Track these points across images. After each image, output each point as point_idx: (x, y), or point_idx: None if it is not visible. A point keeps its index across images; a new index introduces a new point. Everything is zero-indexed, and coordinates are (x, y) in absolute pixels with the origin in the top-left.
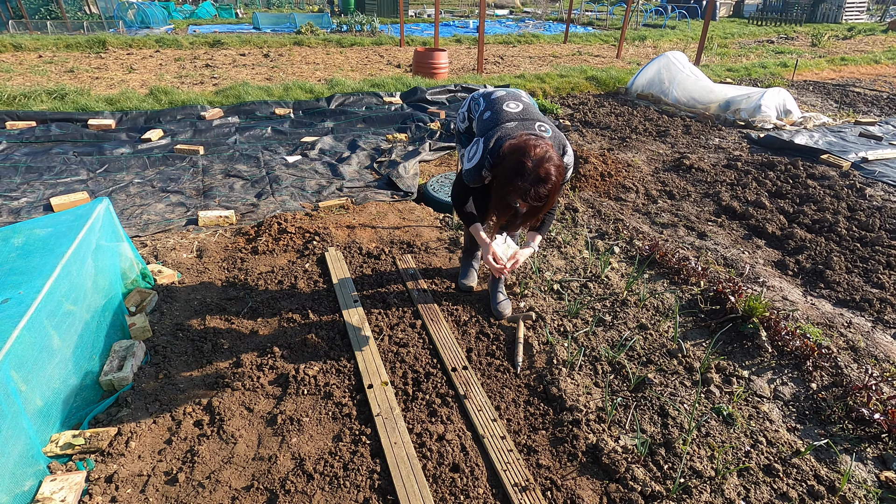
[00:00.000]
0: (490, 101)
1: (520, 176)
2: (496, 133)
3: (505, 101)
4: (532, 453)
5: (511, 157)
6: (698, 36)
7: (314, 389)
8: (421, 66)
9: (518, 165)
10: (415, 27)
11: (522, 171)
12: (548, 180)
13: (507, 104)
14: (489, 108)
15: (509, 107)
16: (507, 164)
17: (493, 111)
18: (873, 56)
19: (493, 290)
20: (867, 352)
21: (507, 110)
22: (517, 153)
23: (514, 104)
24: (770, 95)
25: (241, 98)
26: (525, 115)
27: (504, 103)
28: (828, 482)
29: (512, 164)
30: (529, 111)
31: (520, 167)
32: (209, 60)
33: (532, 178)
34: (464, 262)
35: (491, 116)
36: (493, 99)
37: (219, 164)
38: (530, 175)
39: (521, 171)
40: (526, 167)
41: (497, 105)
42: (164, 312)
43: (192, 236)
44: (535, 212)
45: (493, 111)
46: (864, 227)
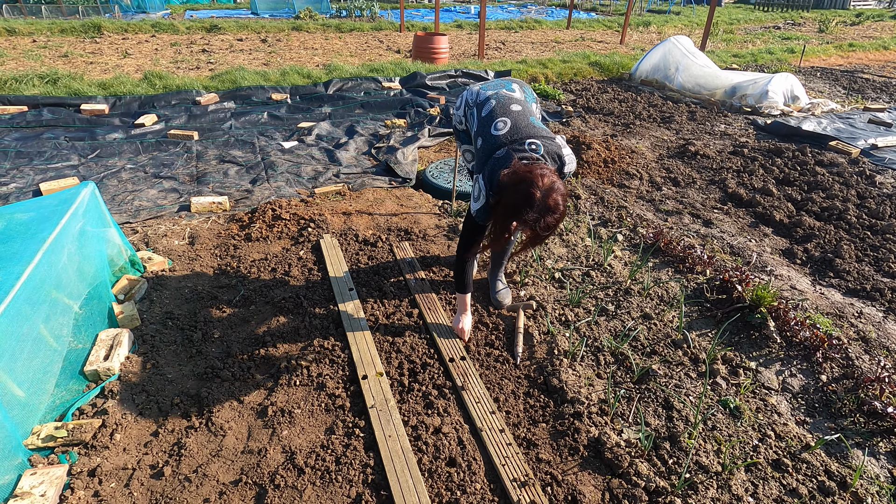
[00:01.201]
0: (482, 120)
1: (528, 206)
2: (490, 166)
3: (493, 123)
4: (532, 447)
5: (518, 187)
6: (703, 22)
7: (307, 380)
8: (421, 50)
9: (526, 196)
10: (415, 12)
11: (531, 201)
12: (556, 210)
13: (494, 126)
14: (480, 132)
15: (497, 129)
16: (513, 194)
17: (485, 138)
18: (882, 42)
19: (492, 279)
20: (879, 343)
21: (496, 134)
22: (524, 184)
23: (501, 123)
24: (777, 81)
25: (237, 83)
26: (514, 135)
27: (492, 125)
28: (839, 478)
29: (519, 195)
30: (518, 126)
31: (528, 198)
32: (206, 45)
33: (541, 208)
34: None
35: (483, 145)
36: (483, 117)
37: (213, 149)
38: (539, 206)
39: (530, 202)
40: (534, 198)
41: (487, 128)
42: (154, 300)
43: (184, 223)
44: (539, 241)
45: (484, 138)
46: (875, 216)
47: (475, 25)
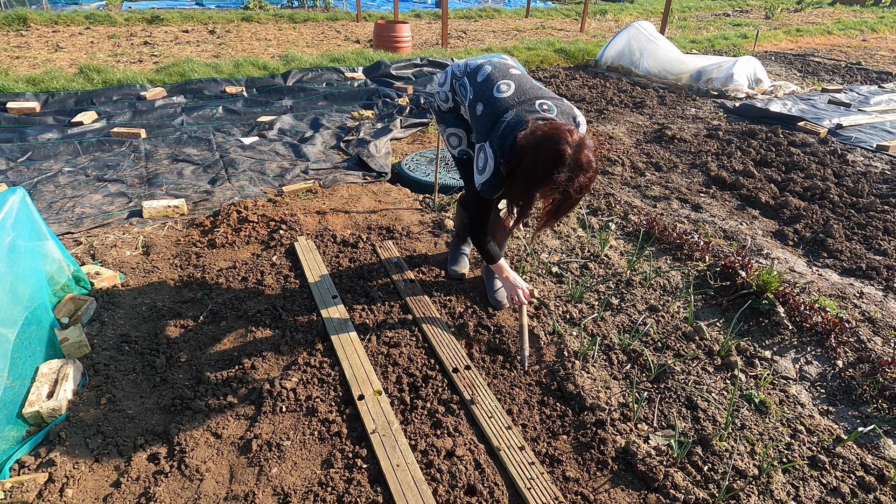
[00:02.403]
0: (478, 86)
1: (558, 165)
2: (499, 130)
3: (495, 85)
4: (556, 464)
5: (543, 146)
6: (657, 10)
7: (294, 405)
8: (382, 39)
9: (555, 155)
10: (370, 2)
11: (561, 159)
12: (589, 167)
13: (497, 88)
14: (479, 97)
15: (500, 91)
16: (537, 155)
17: (486, 102)
18: (826, 27)
19: (488, 278)
20: (885, 323)
21: (500, 97)
22: (550, 141)
23: (504, 85)
24: (741, 65)
25: (186, 76)
26: (522, 96)
27: (494, 87)
28: (876, 471)
29: (546, 154)
30: (523, 87)
31: (557, 156)
32: (147, 38)
33: (573, 166)
34: (454, 247)
35: (485, 111)
36: (480, 82)
37: (164, 148)
38: (571, 163)
39: (560, 160)
40: (565, 155)
41: (488, 92)
42: (106, 322)
43: (136, 230)
44: (568, 207)
45: (485, 103)
46: (855, 193)
47: (434, 14)
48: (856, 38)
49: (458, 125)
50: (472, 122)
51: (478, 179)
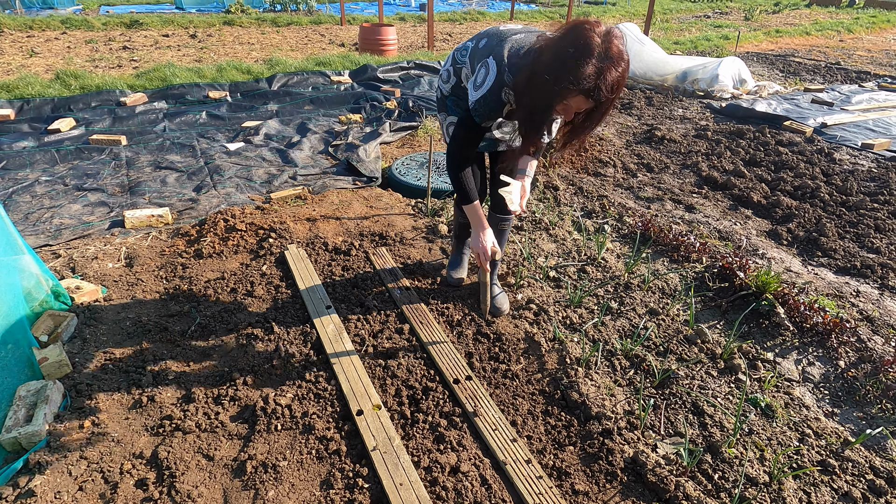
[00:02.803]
0: (481, 34)
1: (585, 56)
2: (507, 44)
3: (503, 25)
4: (564, 477)
5: (565, 38)
6: (639, 12)
7: (290, 422)
8: (368, 42)
9: (581, 43)
10: (354, 6)
11: (588, 49)
12: (621, 59)
13: (504, 26)
14: (483, 37)
15: (508, 27)
16: (559, 49)
17: (490, 35)
18: (804, 28)
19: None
20: (883, 322)
21: (507, 28)
22: (573, 32)
23: (514, 25)
24: (726, 65)
25: (167, 81)
26: (531, 29)
27: (502, 26)
28: (885, 474)
29: (570, 46)
30: (531, 28)
31: (584, 45)
32: (126, 42)
33: (602, 57)
34: (455, 250)
35: (490, 40)
36: (486, 31)
37: (146, 155)
38: (601, 53)
39: (587, 50)
40: (593, 43)
41: (492, 30)
42: (88, 339)
43: (118, 241)
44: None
45: (489, 36)
46: (844, 192)
47: (419, 18)
48: (833, 39)
49: (460, 112)
50: (474, 61)
51: (472, 96)
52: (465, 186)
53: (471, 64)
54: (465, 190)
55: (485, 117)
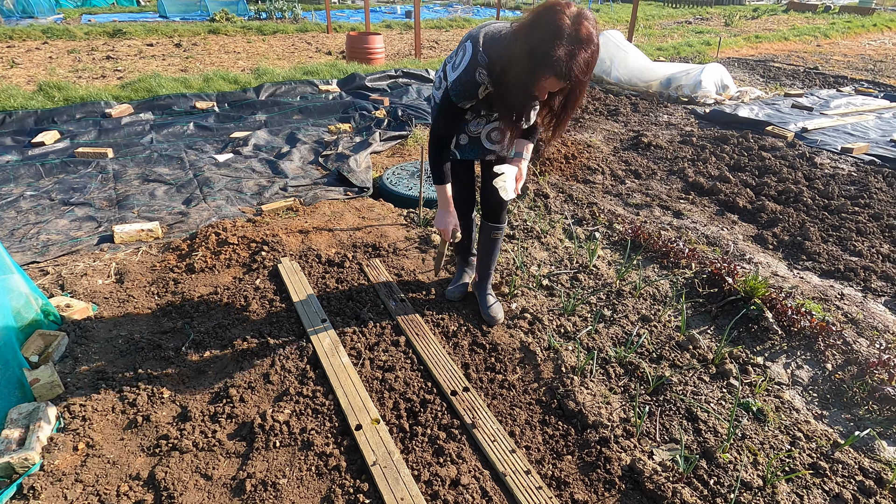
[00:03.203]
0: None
1: (556, 37)
2: (483, 29)
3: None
4: (564, 486)
5: (537, 23)
6: (622, 18)
7: (288, 439)
8: (355, 51)
9: (552, 27)
10: (340, 13)
11: (559, 31)
12: (591, 41)
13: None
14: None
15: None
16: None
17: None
18: (782, 34)
19: (480, 293)
20: (867, 324)
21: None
22: (544, 16)
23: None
24: (708, 71)
25: (153, 91)
26: None
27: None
28: (874, 475)
29: (541, 29)
30: None
31: (555, 28)
32: (110, 52)
33: (573, 39)
34: (456, 267)
35: (471, 32)
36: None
37: (134, 167)
38: (571, 35)
39: (558, 32)
40: (563, 26)
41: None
42: (79, 358)
43: (107, 257)
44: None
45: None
46: (826, 196)
47: (405, 25)
48: (811, 44)
49: None
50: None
51: (450, 76)
52: (439, 166)
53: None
54: (439, 170)
55: (461, 97)
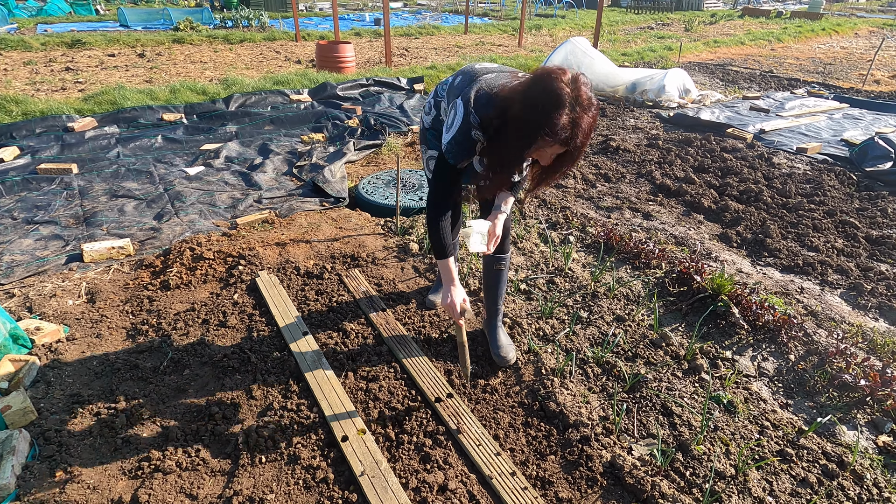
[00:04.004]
0: (460, 71)
1: (557, 104)
2: (475, 85)
3: (478, 63)
4: (548, 486)
5: (533, 89)
6: (588, 24)
7: (274, 454)
8: (325, 60)
9: (552, 95)
10: (308, 21)
11: (559, 99)
12: (591, 105)
13: (479, 65)
14: (459, 74)
15: (483, 65)
16: (528, 100)
17: (465, 73)
18: (739, 39)
19: (490, 330)
20: (826, 315)
21: (482, 67)
22: (541, 82)
23: (490, 64)
24: (671, 76)
25: (117, 104)
26: (504, 69)
27: (477, 64)
28: (836, 458)
29: (539, 97)
30: (505, 69)
31: (555, 97)
32: (69, 63)
33: (573, 104)
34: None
35: (463, 78)
36: (463, 69)
37: (100, 183)
38: (571, 101)
39: (559, 99)
40: (563, 93)
41: (468, 69)
42: (52, 383)
43: (77, 276)
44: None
45: (464, 74)
46: (784, 194)
47: (374, 33)
48: (766, 48)
49: (439, 146)
50: (448, 98)
51: (445, 139)
52: (441, 238)
53: (447, 98)
54: (441, 243)
55: (458, 158)
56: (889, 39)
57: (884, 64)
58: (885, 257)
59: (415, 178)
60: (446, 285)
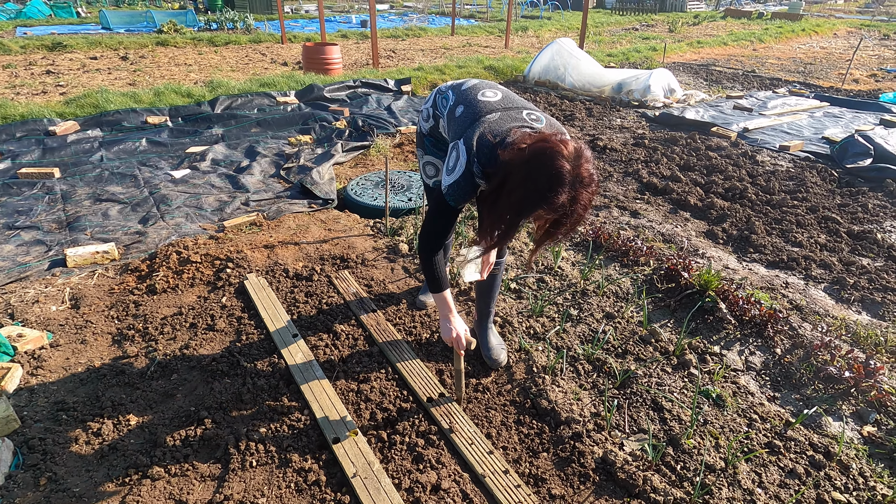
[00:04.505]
0: (461, 93)
1: (557, 185)
2: (478, 129)
3: (480, 90)
4: (541, 483)
5: (534, 162)
6: (573, 25)
7: (265, 457)
8: (312, 61)
9: (552, 173)
10: (294, 23)
11: (560, 178)
12: (591, 182)
13: (482, 93)
14: (461, 100)
15: (485, 96)
16: (529, 174)
17: (468, 104)
18: (722, 39)
19: (482, 333)
20: (810, 309)
21: (484, 100)
22: (543, 156)
23: (490, 92)
24: (656, 76)
25: (100, 107)
26: (507, 104)
27: (479, 92)
28: (823, 449)
29: (540, 173)
30: (510, 97)
31: (555, 175)
32: (50, 66)
33: (573, 183)
34: None
35: (466, 112)
36: (464, 90)
37: (84, 187)
38: (571, 180)
39: (559, 179)
40: (563, 171)
41: (471, 96)
42: (36, 390)
43: (60, 282)
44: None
45: (466, 104)
46: (768, 191)
47: (361, 35)
48: (748, 49)
49: (436, 153)
50: (449, 126)
51: (445, 181)
52: (436, 274)
53: (448, 123)
54: (436, 278)
55: (460, 202)
56: (867, 39)
57: (862, 63)
58: (866, 252)
59: (403, 179)
60: (445, 317)
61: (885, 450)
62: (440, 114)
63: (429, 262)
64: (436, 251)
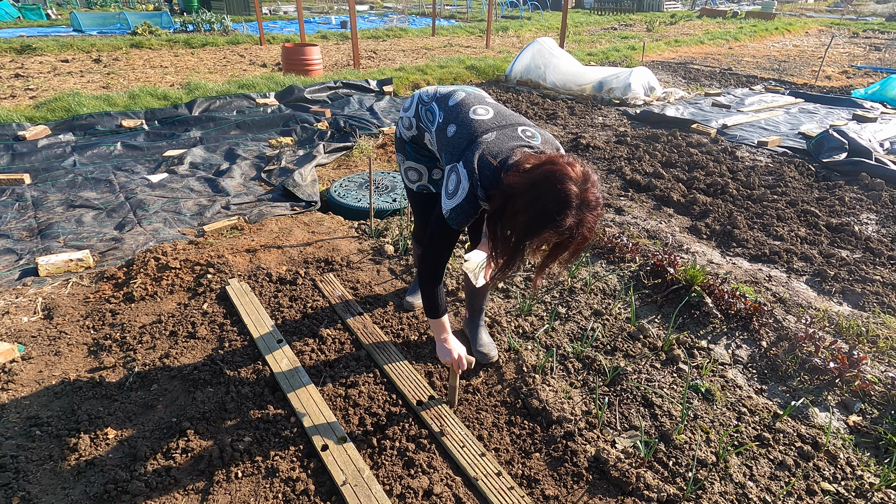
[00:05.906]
0: (450, 110)
1: (564, 208)
2: (476, 150)
3: (471, 108)
4: (534, 484)
5: (542, 185)
6: (553, 25)
7: (251, 468)
8: (292, 63)
9: (559, 196)
10: (272, 24)
11: (567, 201)
12: (597, 205)
13: (473, 110)
14: (452, 119)
15: (478, 114)
16: (536, 198)
17: (460, 124)
18: (698, 38)
19: (472, 331)
20: (794, 302)
21: (478, 119)
22: (550, 179)
23: (482, 109)
24: (636, 75)
25: (72, 111)
26: (501, 121)
27: (471, 109)
28: (811, 440)
29: (548, 196)
30: (503, 113)
31: (563, 198)
32: (19, 69)
33: (580, 206)
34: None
35: (459, 132)
36: (452, 106)
37: (56, 193)
38: (578, 203)
39: (566, 202)
40: (570, 195)
41: (462, 114)
42: (7, 406)
43: (31, 292)
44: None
45: (459, 124)
46: (748, 186)
47: (341, 36)
48: (724, 47)
49: (419, 159)
50: (441, 145)
51: (446, 205)
52: (437, 302)
53: (438, 141)
54: (436, 306)
55: (462, 224)
56: (838, 38)
57: (834, 61)
58: (844, 244)
59: (387, 179)
60: (442, 339)
61: (871, 438)
62: (426, 128)
63: (432, 293)
64: (440, 281)
